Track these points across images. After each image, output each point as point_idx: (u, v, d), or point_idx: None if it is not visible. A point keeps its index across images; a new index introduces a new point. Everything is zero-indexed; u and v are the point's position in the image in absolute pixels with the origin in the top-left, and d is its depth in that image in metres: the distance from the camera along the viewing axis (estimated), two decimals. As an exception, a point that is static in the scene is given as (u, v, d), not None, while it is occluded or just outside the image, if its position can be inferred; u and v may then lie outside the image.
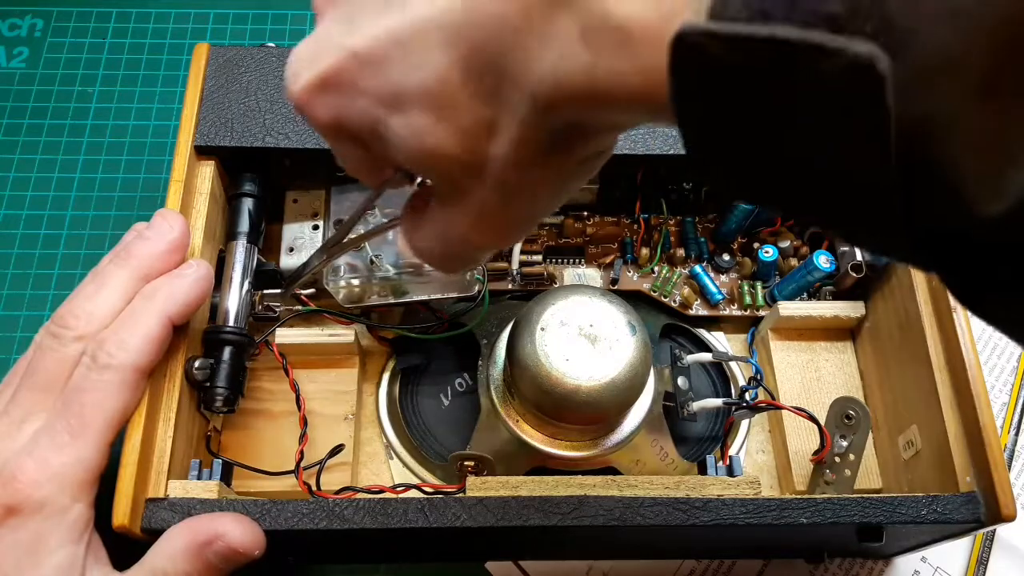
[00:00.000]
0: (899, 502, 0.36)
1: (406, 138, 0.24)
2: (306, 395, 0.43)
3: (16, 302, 0.51)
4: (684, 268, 0.49)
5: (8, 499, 0.32)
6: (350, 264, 0.43)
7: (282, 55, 0.44)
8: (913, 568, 0.47)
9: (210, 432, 0.42)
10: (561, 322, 0.39)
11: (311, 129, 0.42)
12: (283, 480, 0.41)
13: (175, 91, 0.58)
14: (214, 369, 0.39)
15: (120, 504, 0.34)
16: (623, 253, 0.49)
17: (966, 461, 0.38)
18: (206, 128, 0.42)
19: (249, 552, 0.33)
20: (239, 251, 0.42)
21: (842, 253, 0.46)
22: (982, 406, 0.38)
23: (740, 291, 0.48)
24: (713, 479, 0.37)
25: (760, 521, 0.36)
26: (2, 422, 0.34)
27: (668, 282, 0.48)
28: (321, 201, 0.46)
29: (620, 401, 0.40)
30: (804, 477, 0.44)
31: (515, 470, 0.42)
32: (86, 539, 0.33)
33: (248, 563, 0.34)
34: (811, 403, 0.45)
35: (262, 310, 0.44)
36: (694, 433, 0.46)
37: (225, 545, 0.33)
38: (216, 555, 0.33)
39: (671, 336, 0.49)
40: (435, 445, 0.45)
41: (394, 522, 0.35)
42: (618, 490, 0.36)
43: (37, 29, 0.60)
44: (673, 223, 0.50)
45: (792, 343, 0.47)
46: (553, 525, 0.35)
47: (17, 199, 0.54)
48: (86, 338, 0.35)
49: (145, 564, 0.33)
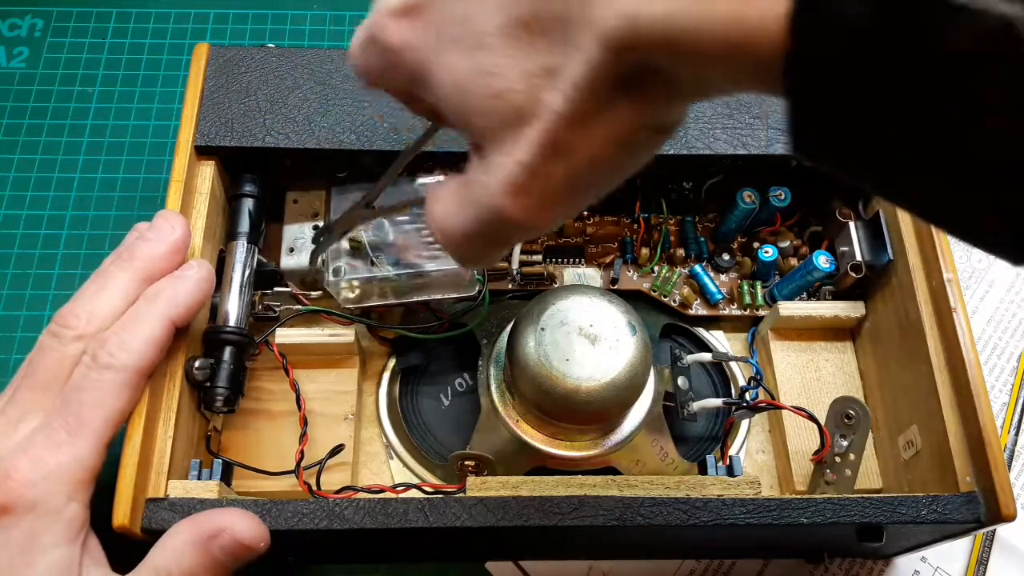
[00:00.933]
0: (899, 502, 0.36)
1: (470, 77, 0.24)
2: (306, 395, 0.43)
3: (16, 302, 0.51)
4: (684, 268, 0.49)
5: (2, 498, 0.31)
6: (351, 264, 0.43)
7: (282, 55, 0.45)
8: (913, 568, 0.47)
9: (210, 432, 0.42)
10: (561, 322, 0.39)
11: (311, 129, 0.42)
12: (283, 480, 0.41)
13: (175, 91, 0.58)
14: (214, 369, 0.39)
15: (120, 504, 0.34)
16: (623, 253, 0.49)
17: (966, 461, 0.38)
18: (206, 128, 0.42)
19: (254, 545, 0.33)
20: (239, 251, 0.42)
21: (842, 253, 0.46)
22: (982, 406, 0.38)
23: (740, 291, 0.48)
24: (713, 479, 0.37)
25: (760, 521, 0.36)
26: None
27: (668, 282, 0.48)
28: (321, 201, 0.46)
29: (620, 401, 0.40)
30: (804, 477, 0.44)
31: (515, 470, 0.42)
32: (81, 539, 0.33)
33: (252, 558, 0.34)
34: (811, 403, 0.45)
35: (262, 310, 0.44)
36: (694, 433, 0.46)
37: (230, 538, 0.33)
38: (221, 549, 0.33)
39: (671, 336, 0.49)
40: (435, 445, 0.45)
41: (394, 522, 0.35)
42: (618, 490, 0.36)
43: (37, 29, 0.60)
44: (673, 223, 0.50)
45: (792, 343, 0.47)
46: (553, 525, 0.35)
47: (17, 199, 0.54)
48: (86, 338, 0.34)
49: (147, 564, 0.33)
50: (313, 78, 0.44)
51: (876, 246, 0.45)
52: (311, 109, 0.43)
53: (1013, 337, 0.54)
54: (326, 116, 0.43)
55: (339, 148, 0.42)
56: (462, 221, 0.26)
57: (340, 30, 0.61)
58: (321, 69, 0.44)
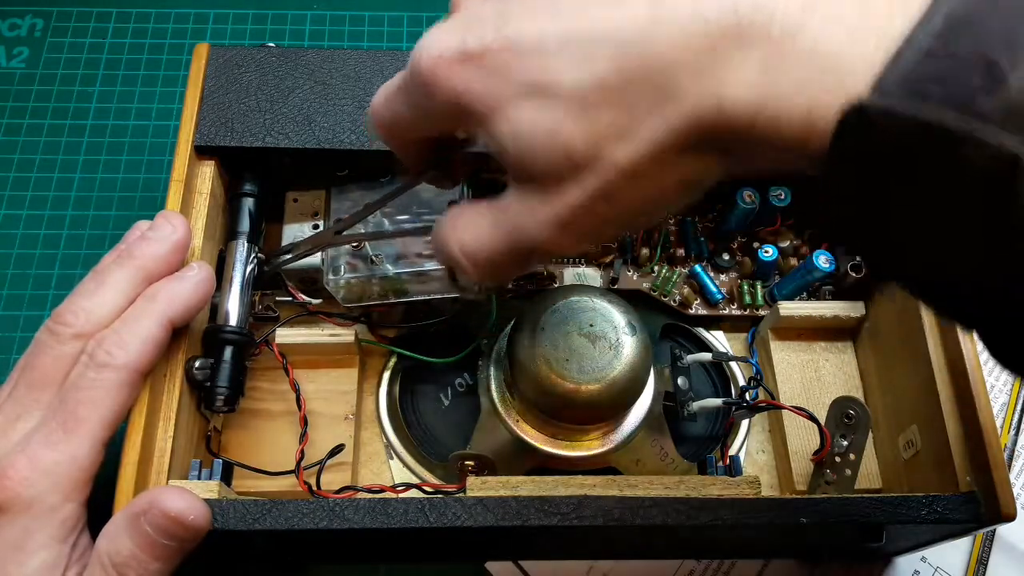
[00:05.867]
0: (899, 502, 0.36)
1: (535, 125, 0.25)
2: (306, 395, 0.43)
3: (16, 302, 0.51)
4: (684, 268, 0.49)
5: None
6: (350, 263, 0.43)
7: (282, 55, 0.45)
8: (913, 568, 0.47)
9: (210, 432, 0.42)
10: (562, 322, 0.39)
11: (312, 129, 0.42)
12: (283, 480, 0.41)
13: (175, 91, 0.58)
14: (214, 369, 0.39)
15: (120, 504, 0.34)
16: (623, 253, 0.49)
17: (966, 461, 0.38)
18: (206, 128, 0.42)
19: (184, 518, 0.31)
20: (239, 251, 0.42)
21: (842, 253, 0.46)
22: (982, 406, 0.38)
23: (740, 291, 0.48)
24: (713, 479, 0.37)
25: (760, 521, 0.36)
26: None
27: (668, 282, 0.48)
28: (321, 201, 0.46)
29: (620, 401, 0.40)
30: (804, 477, 0.44)
31: (515, 470, 0.42)
32: (73, 539, 0.32)
33: (193, 539, 0.32)
34: (811, 403, 0.45)
35: (262, 310, 0.44)
36: (694, 433, 0.46)
37: (159, 511, 0.31)
38: (153, 526, 0.31)
39: (671, 336, 0.48)
40: (435, 445, 0.45)
41: (395, 522, 0.35)
42: (618, 490, 0.36)
43: (37, 29, 0.60)
44: (673, 222, 0.49)
45: (792, 343, 0.47)
46: (553, 525, 0.35)
47: (17, 199, 0.54)
48: (85, 336, 0.34)
49: (95, 553, 0.32)
50: (313, 78, 0.44)
51: (876, 246, 0.45)
52: (311, 109, 0.43)
53: (1013, 337, 0.54)
54: (326, 116, 0.43)
55: (339, 148, 0.42)
56: (493, 245, 0.28)
57: (340, 30, 0.61)
58: (321, 69, 0.44)
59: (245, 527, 0.34)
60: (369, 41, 0.61)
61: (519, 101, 0.26)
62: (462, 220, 0.30)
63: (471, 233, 0.29)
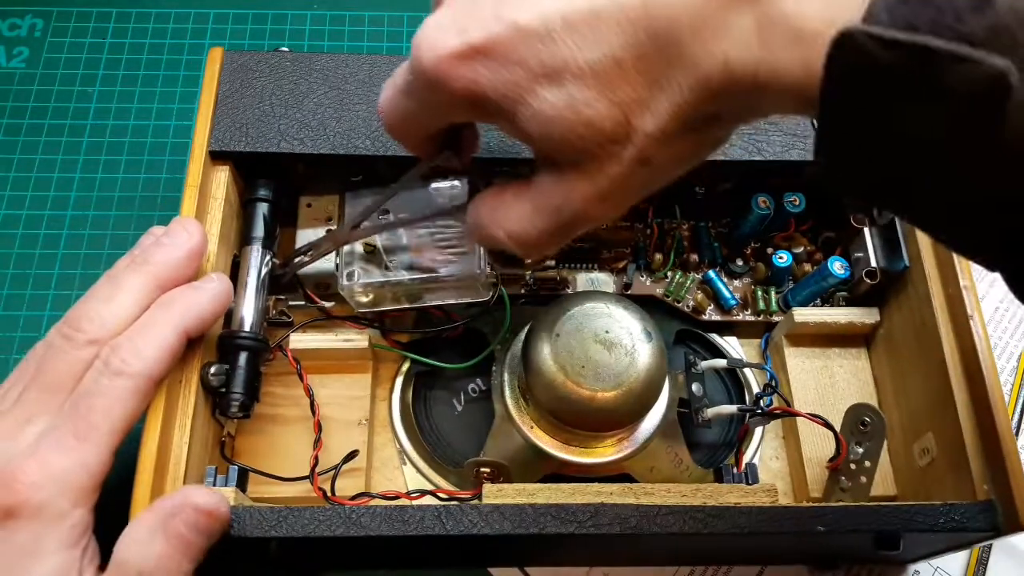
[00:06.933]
0: (916, 510, 0.36)
1: (560, 110, 0.26)
2: (320, 400, 0.43)
3: (16, 302, 0.51)
4: (697, 273, 0.49)
5: (7, 500, 0.31)
6: (364, 269, 0.43)
7: (296, 60, 0.44)
8: (913, 568, 0.47)
9: (224, 438, 0.42)
10: (577, 328, 0.39)
11: (326, 134, 0.42)
12: (298, 486, 0.41)
13: (175, 91, 0.58)
14: (229, 375, 0.39)
15: (137, 510, 0.34)
16: (636, 258, 0.48)
17: (983, 469, 0.38)
18: (221, 133, 0.42)
19: (215, 510, 0.32)
20: (254, 256, 0.42)
21: (856, 259, 0.46)
22: (999, 414, 0.38)
23: (754, 296, 0.48)
24: (730, 487, 0.37)
25: (778, 529, 0.35)
26: (5, 421, 0.33)
27: (681, 287, 0.48)
28: (335, 205, 0.46)
29: (636, 408, 0.40)
30: (818, 484, 0.44)
31: (529, 476, 0.42)
32: (83, 544, 0.32)
33: (219, 530, 0.33)
34: (825, 410, 0.45)
35: (276, 315, 0.44)
36: (708, 440, 0.46)
37: (191, 509, 0.32)
38: (185, 524, 0.32)
39: (685, 342, 0.48)
40: (448, 451, 0.45)
41: (411, 529, 0.35)
42: (635, 498, 0.36)
43: (37, 29, 0.60)
44: (686, 228, 0.49)
45: (806, 349, 0.47)
46: (570, 533, 0.35)
47: (17, 199, 0.54)
48: (99, 342, 0.34)
49: (115, 561, 0.32)
50: (327, 83, 0.44)
51: (891, 252, 0.44)
52: (325, 114, 0.43)
53: (1013, 337, 0.54)
54: (340, 121, 0.43)
55: (354, 153, 0.42)
56: (541, 227, 0.29)
57: (340, 30, 0.61)
58: (336, 74, 0.44)
59: (261, 534, 0.34)
60: (369, 41, 0.61)
61: (537, 89, 0.26)
62: (502, 210, 0.30)
63: (514, 220, 0.30)
